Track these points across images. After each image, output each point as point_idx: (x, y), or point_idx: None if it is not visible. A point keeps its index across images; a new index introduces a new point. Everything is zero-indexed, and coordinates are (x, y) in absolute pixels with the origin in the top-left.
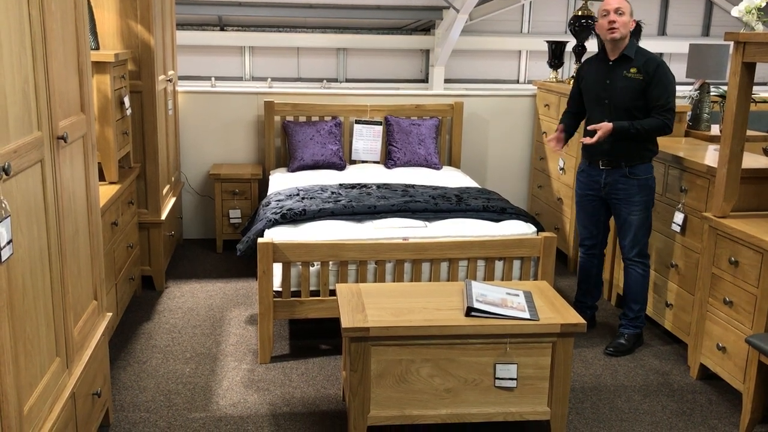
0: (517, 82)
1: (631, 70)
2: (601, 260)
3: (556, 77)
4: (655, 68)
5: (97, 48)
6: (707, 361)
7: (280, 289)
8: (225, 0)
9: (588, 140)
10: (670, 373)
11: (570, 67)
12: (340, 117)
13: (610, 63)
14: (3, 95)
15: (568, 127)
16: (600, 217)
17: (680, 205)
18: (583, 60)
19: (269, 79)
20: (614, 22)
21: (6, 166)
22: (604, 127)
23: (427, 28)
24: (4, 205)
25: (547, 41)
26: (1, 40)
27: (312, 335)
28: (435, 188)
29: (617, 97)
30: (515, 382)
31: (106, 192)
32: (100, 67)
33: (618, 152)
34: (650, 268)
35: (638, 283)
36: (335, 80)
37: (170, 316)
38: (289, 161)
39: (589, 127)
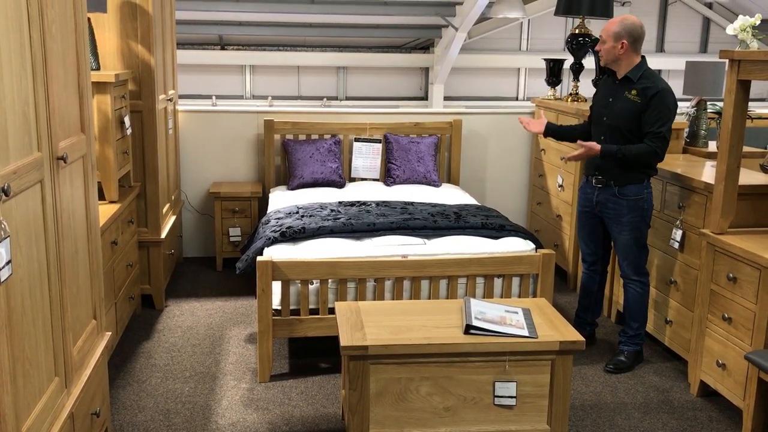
0: (516, 99)
1: (632, 92)
2: (604, 277)
3: (554, 95)
4: (654, 94)
5: (98, 68)
6: (707, 378)
7: (279, 308)
8: (225, 19)
9: (570, 155)
10: (671, 390)
11: (568, 84)
12: (339, 135)
13: (616, 82)
14: (3, 116)
15: (564, 131)
16: (599, 234)
17: (678, 222)
18: (598, 75)
19: (270, 98)
20: (599, 50)
21: (6, 187)
22: (590, 147)
23: (426, 47)
24: (3, 226)
25: (545, 59)
26: (1, 61)
27: (311, 353)
28: (434, 206)
29: (614, 116)
30: (514, 400)
31: (106, 211)
32: (100, 87)
33: (609, 171)
34: (650, 285)
35: (637, 301)
36: (335, 98)
37: (170, 335)
38: (289, 179)
39: (578, 143)
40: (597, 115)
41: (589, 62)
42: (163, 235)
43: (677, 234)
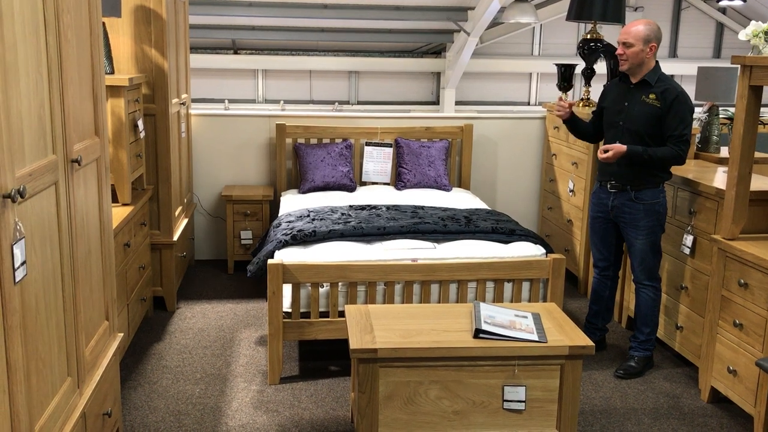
0: (528, 104)
1: (650, 96)
2: (615, 283)
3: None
4: (674, 98)
5: (112, 72)
6: (718, 385)
7: (289, 310)
8: (238, 24)
9: (601, 155)
10: (681, 397)
11: (579, 89)
12: (350, 139)
13: (631, 86)
14: (19, 119)
15: (580, 123)
16: (611, 240)
17: (690, 228)
18: (611, 80)
19: (282, 102)
20: (622, 54)
21: (21, 189)
22: (617, 147)
23: (438, 51)
24: (18, 227)
25: (556, 64)
26: (18, 65)
27: (321, 356)
28: (444, 210)
29: (631, 120)
30: (524, 404)
31: (119, 213)
32: (114, 91)
33: (625, 176)
34: (662, 291)
35: (648, 307)
36: (347, 103)
37: (181, 337)
38: (300, 183)
39: (602, 147)
40: (611, 119)
41: (600, 67)
42: (175, 238)
43: (688, 239)
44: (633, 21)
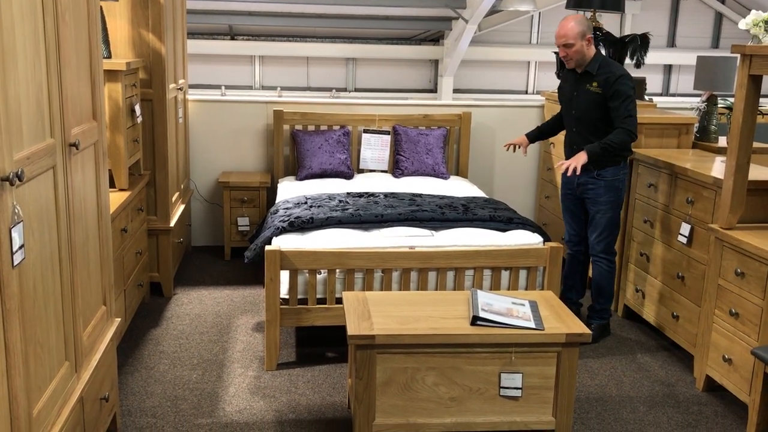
0: (526, 92)
1: (593, 84)
2: (587, 258)
3: None
4: (614, 81)
5: (109, 56)
6: (713, 373)
7: (287, 297)
8: (236, 9)
9: (569, 174)
10: (676, 385)
11: None
12: (348, 126)
13: (577, 76)
14: (17, 103)
15: (546, 129)
16: (581, 216)
17: (687, 217)
18: (564, 69)
19: (279, 88)
20: (566, 56)
21: (19, 172)
22: (575, 162)
23: (436, 39)
24: (16, 211)
25: (555, 52)
26: (16, 49)
27: (318, 343)
28: (442, 197)
29: (581, 109)
30: (520, 391)
31: (116, 199)
32: (111, 75)
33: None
34: (616, 264)
35: (604, 278)
36: (344, 89)
37: (178, 323)
38: (298, 170)
39: (558, 166)
40: (566, 108)
41: None
42: (172, 224)
43: (685, 229)
44: (562, 21)
